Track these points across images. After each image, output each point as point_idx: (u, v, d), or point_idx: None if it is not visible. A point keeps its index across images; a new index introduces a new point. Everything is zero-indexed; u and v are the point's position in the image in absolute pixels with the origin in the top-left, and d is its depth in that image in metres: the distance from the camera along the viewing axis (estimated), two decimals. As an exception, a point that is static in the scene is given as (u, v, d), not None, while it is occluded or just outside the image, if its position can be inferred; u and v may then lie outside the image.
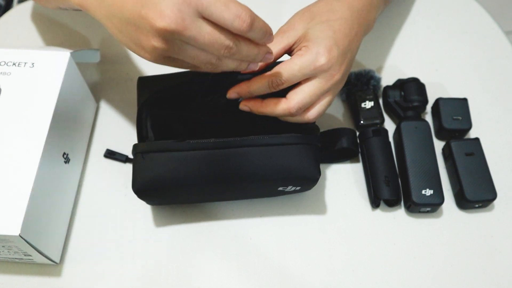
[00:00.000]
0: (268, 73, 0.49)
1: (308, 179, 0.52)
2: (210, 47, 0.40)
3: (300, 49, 0.50)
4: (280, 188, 0.53)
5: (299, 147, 0.51)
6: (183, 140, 0.51)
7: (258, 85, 0.50)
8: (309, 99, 0.49)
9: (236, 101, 0.53)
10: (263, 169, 0.50)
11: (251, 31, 0.40)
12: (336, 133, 0.59)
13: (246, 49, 0.43)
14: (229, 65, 0.44)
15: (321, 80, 0.49)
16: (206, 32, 0.39)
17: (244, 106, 0.52)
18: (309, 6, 0.54)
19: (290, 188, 0.53)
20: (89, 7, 0.46)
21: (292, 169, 0.51)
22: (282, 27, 0.53)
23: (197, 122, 0.54)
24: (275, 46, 0.50)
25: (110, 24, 0.44)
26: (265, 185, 0.52)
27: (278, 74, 0.48)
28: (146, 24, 0.39)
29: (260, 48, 0.44)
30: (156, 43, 0.40)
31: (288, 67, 0.48)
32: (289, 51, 0.52)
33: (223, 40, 0.40)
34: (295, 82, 0.49)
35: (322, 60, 0.48)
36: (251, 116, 0.53)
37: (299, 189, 0.54)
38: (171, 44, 0.40)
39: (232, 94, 0.51)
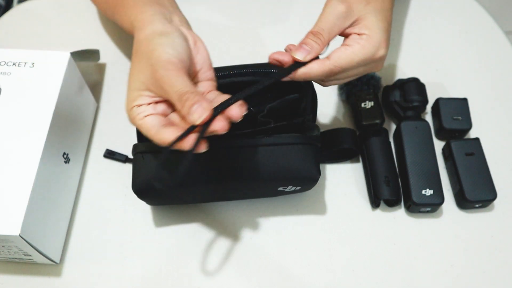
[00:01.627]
0: (328, 62, 0.47)
1: (308, 179, 0.52)
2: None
3: (360, 36, 0.48)
4: (280, 188, 0.53)
5: (299, 147, 0.51)
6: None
7: (317, 72, 0.47)
8: (347, 77, 0.49)
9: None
10: (263, 169, 0.50)
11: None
12: (336, 133, 0.59)
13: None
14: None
15: (367, 67, 0.49)
16: None
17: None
18: None
19: (290, 188, 0.53)
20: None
21: (292, 169, 0.51)
22: (333, 2, 0.48)
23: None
24: (329, 27, 0.47)
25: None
26: (265, 185, 0.52)
27: (338, 64, 0.47)
28: None
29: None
30: None
31: (350, 58, 0.47)
32: (343, 32, 0.49)
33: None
34: (353, 72, 0.48)
35: (381, 52, 0.48)
36: (251, 116, 0.53)
37: (299, 189, 0.54)
38: None
39: (291, 76, 0.47)
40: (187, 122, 0.42)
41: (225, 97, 0.44)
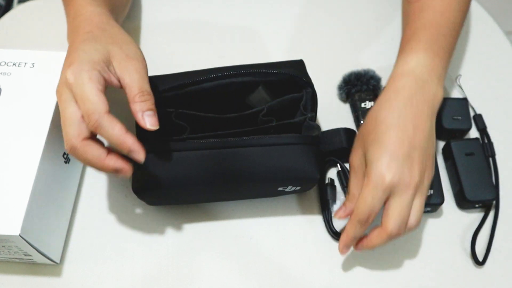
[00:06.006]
0: (353, 216, 0.50)
1: (308, 179, 0.52)
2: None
3: (366, 178, 0.50)
4: (280, 188, 0.53)
5: (299, 147, 0.51)
6: (183, 140, 0.51)
7: (354, 230, 0.50)
8: (401, 216, 0.49)
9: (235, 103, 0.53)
10: (263, 169, 0.50)
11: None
12: (336, 133, 0.59)
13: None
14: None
15: (400, 193, 0.48)
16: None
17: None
18: (360, 128, 0.54)
19: (290, 188, 0.53)
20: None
21: (292, 169, 0.51)
22: (351, 158, 0.54)
23: (198, 121, 0.54)
24: (358, 183, 0.52)
25: None
26: (265, 185, 0.52)
27: (361, 212, 0.49)
28: None
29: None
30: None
31: (364, 201, 0.49)
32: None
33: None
34: (379, 209, 0.49)
35: (387, 179, 0.48)
36: (251, 116, 0.53)
37: (299, 189, 0.54)
38: None
39: (344, 250, 0.52)
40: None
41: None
